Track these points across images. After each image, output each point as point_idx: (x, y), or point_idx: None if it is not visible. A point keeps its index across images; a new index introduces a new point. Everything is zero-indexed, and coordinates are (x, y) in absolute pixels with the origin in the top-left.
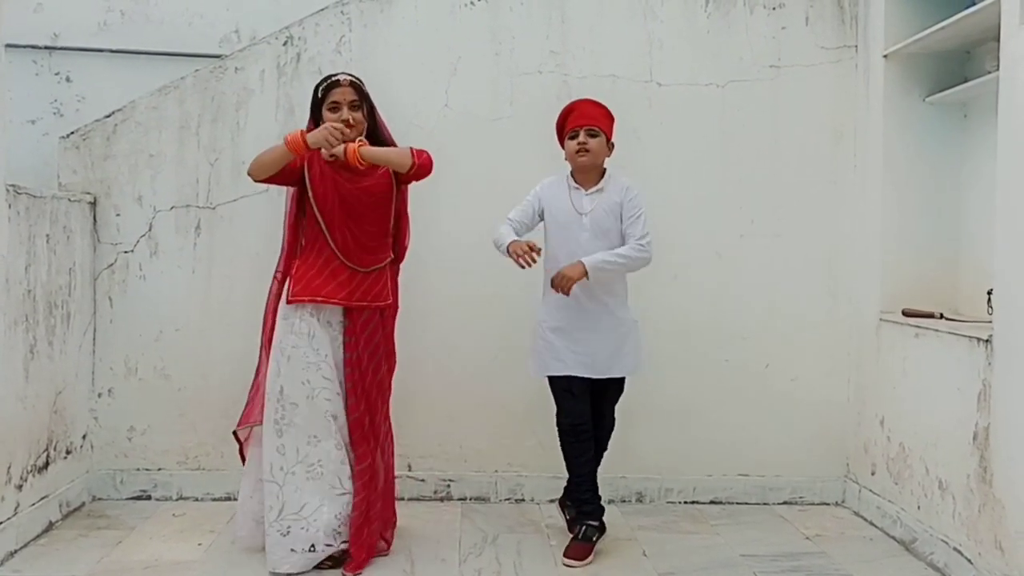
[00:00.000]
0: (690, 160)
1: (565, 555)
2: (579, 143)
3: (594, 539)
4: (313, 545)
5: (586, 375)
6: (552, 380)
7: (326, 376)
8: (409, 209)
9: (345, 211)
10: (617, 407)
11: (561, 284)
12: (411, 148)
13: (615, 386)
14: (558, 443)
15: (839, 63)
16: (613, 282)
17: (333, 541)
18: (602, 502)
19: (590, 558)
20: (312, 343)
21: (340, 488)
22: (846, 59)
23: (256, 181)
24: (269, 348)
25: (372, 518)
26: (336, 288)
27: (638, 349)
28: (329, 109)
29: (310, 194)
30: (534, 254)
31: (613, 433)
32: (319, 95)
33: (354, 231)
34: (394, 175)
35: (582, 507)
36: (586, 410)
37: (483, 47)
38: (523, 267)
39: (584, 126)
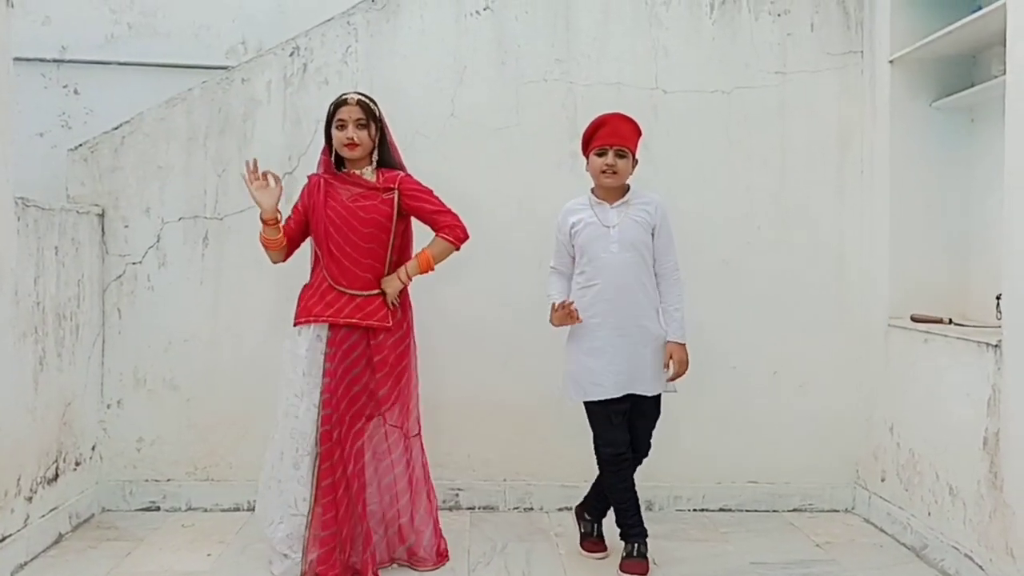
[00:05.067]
0: (696, 167)
1: (624, 570)
2: (607, 164)
3: (647, 555)
4: (271, 559)
5: (625, 393)
6: (590, 406)
7: (296, 394)
8: (412, 236)
9: (337, 234)
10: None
11: (684, 372)
12: (447, 237)
13: (652, 406)
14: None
15: (845, 69)
16: (645, 301)
17: (280, 560)
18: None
19: (649, 573)
20: (295, 362)
21: (294, 509)
22: (852, 65)
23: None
24: None
25: (347, 539)
26: (324, 308)
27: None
28: (337, 127)
29: (314, 227)
30: (574, 312)
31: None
32: (329, 113)
33: (345, 254)
34: (397, 203)
35: (630, 529)
36: (626, 438)
37: (489, 56)
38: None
39: (614, 145)
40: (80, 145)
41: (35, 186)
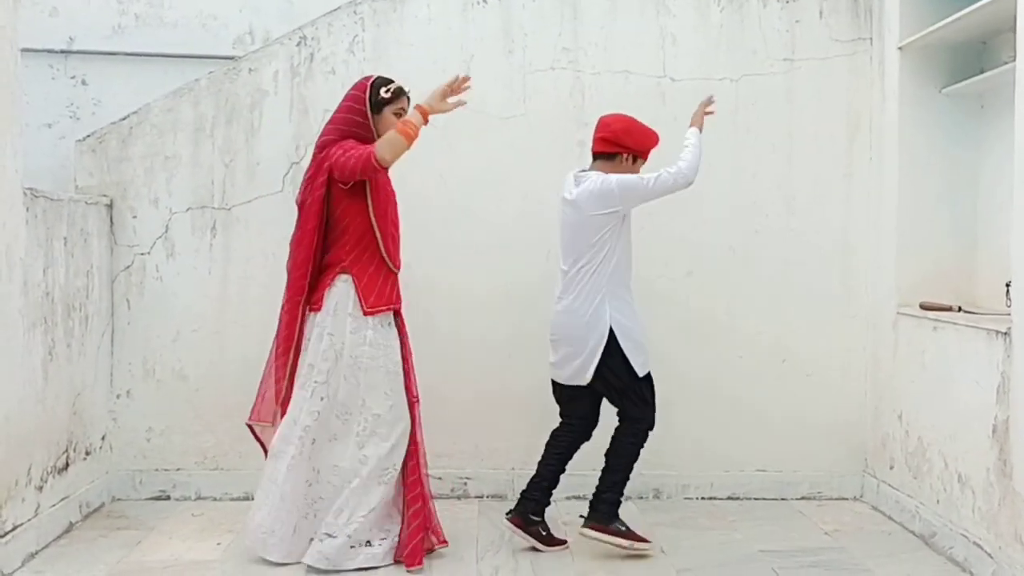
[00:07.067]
0: (704, 155)
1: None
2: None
3: (524, 514)
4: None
5: (556, 379)
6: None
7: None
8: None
9: (392, 213)
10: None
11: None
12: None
13: (598, 386)
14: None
15: (854, 56)
16: (584, 286)
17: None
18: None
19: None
20: (389, 352)
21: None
22: (861, 51)
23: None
24: (291, 347)
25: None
26: (397, 295)
27: (592, 356)
28: (395, 113)
29: (370, 205)
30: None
31: (629, 448)
32: (386, 95)
33: (397, 236)
34: None
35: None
36: (568, 413)
37: (495, 45)
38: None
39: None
40: (88, 136)
41: (43, 177)
